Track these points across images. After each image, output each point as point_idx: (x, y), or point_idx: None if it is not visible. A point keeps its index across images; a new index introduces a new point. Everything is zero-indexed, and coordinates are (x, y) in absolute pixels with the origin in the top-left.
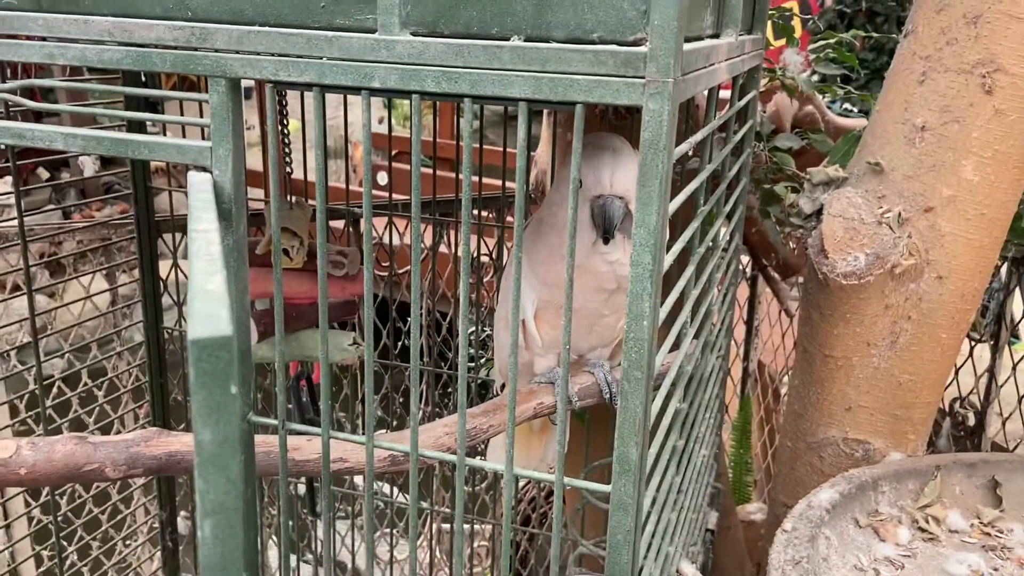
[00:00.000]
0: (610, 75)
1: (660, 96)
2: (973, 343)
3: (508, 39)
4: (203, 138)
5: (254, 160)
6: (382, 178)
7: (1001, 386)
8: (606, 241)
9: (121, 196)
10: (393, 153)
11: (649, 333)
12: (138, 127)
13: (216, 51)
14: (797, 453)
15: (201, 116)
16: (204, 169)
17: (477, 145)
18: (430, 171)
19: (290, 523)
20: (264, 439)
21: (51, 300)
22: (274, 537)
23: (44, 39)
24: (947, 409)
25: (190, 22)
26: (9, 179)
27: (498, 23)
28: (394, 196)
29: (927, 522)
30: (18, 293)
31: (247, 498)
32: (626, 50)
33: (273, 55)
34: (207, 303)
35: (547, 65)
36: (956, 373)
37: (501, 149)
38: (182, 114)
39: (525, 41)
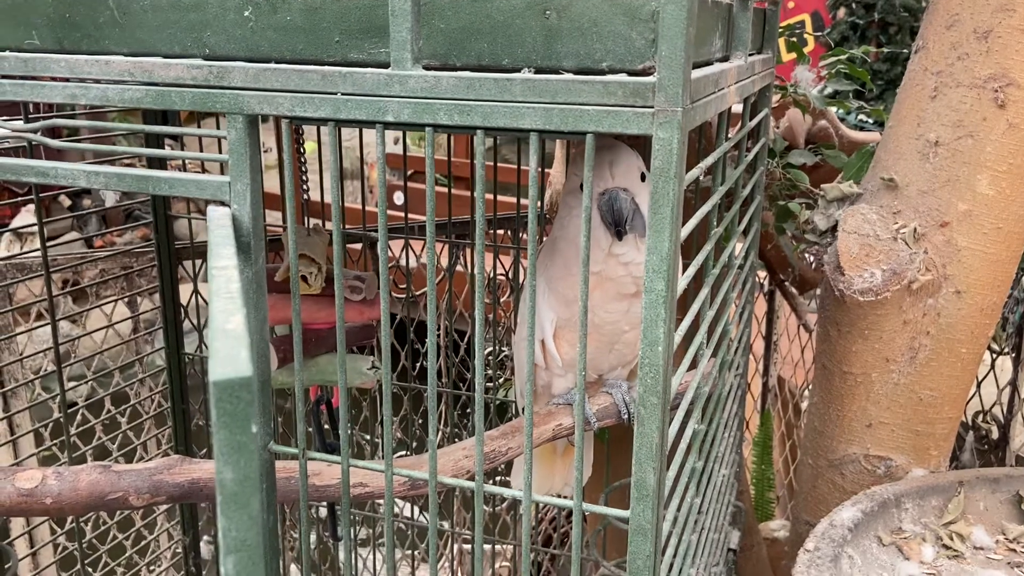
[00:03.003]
0: (619, 105)
1: (669, 125)
2: (995, 355)
3: (519, 70)
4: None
5: (272, 183)
6: (399, 198)
7: None
8: (619, 236)
9: (142, 223)
10: (409, 173)
11: (664, 359)
12: (158, 161)
13: (233, 89)
14: (818, 470)
15: (220, 151)
16: (223, 203)
17: (491, 163)
18: (445, 189)
19: (312, 546)
20: (286, 465)
21: (74, 326)
22: (295, 563)
23: (66, 80)
24: (970, 423)
25: (208, 60)
26: (32, 207)
27: (509, 54)
28: (410, 216)
29: (951, 539)
30: (42, 322)
31: (270, 527)
32: (635, 80)
33: (289, 91)
34: (227, 343)
35: (557, 96)
36: (979, 386)
37: (515, 167)
38: (200, 147)
39: (536, 72)
